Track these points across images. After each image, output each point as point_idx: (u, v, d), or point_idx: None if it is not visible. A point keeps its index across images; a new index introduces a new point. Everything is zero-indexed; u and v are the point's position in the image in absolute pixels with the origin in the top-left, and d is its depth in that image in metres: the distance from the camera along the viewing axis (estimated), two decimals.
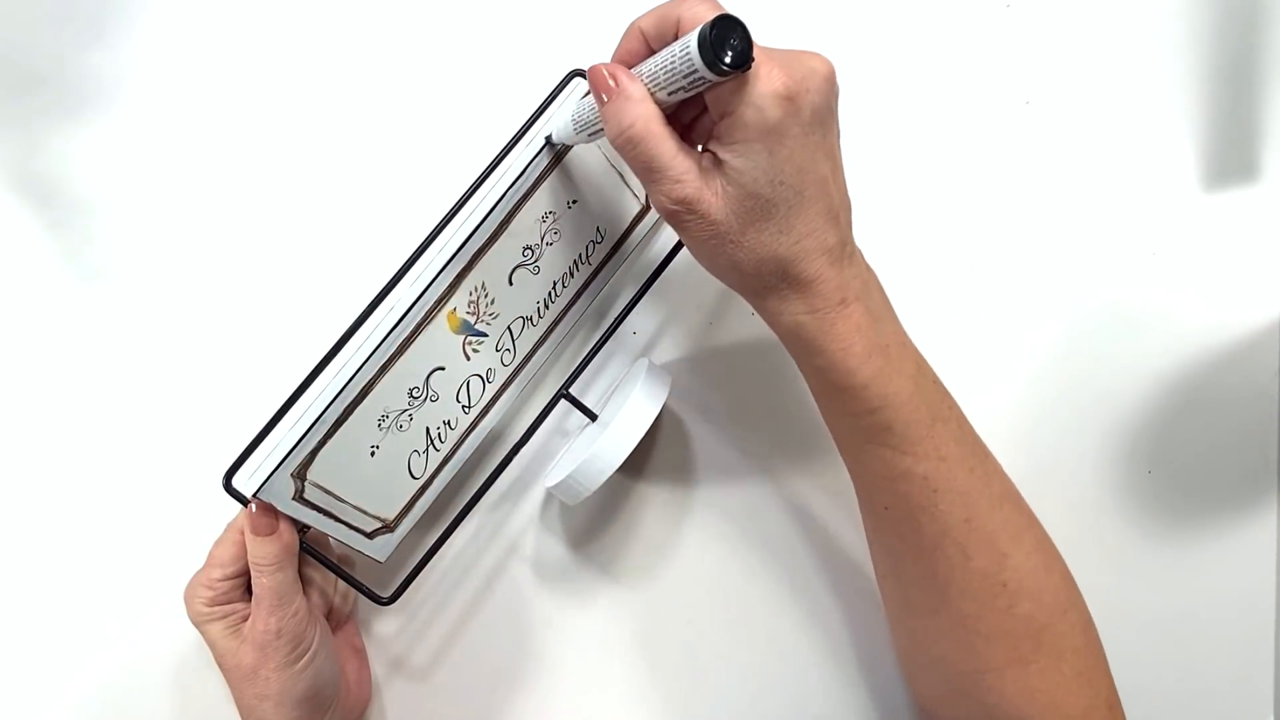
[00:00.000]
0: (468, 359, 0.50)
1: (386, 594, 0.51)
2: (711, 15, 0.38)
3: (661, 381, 0.50)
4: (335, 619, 0.52)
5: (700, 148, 0.42)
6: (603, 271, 0.54)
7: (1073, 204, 0.57)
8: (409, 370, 0.48)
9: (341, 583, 0.52)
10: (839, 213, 0.42)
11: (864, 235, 0.57)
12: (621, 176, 0.53)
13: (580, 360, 0.53)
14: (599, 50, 0.56)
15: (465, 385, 0.51)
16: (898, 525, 0.45)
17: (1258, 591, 0.56)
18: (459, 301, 0.49)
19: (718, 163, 0.40)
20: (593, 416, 0.52)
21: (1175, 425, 0.56)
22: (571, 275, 0.53)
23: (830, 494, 0.56)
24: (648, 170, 0.40)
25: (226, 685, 0.47)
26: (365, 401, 0.47)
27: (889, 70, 0.58)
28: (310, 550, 0.49)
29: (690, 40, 0.37)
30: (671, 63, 0.38)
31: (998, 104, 0.58)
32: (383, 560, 0.51)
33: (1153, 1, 0.58)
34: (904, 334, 0.45)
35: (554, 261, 0.52)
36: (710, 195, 0.40)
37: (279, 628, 0.45)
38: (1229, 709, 0.56)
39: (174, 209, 0.56)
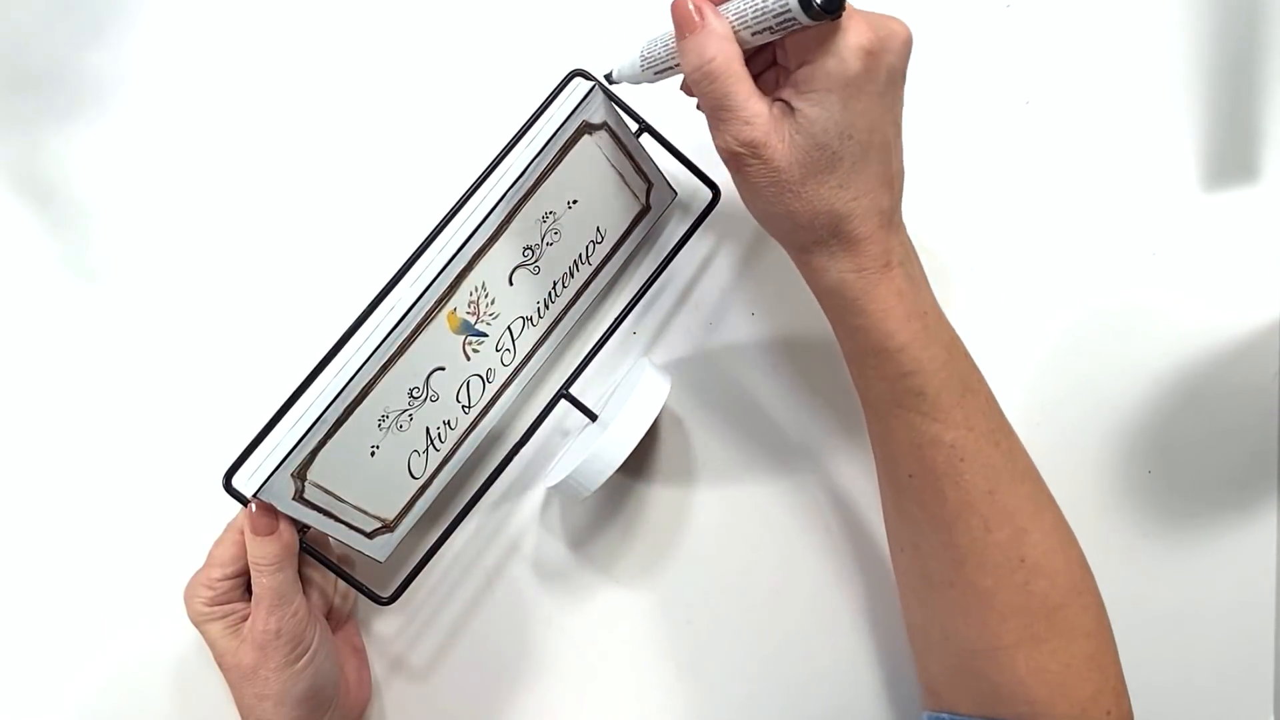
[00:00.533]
0: (468, 359, 0.50)
1: (386, 594, 0.51)
2: None
3: (661, 382, 0.50)
4: (335, 619, 0.53)
5: (771, 97, 0.42)
6: (603, 271, 0.54)
7: (1073, 204, 0.57)
8: (409, 370, 0.48)
9: (341, 582, 0.52)
10: (894, 179, 0.43)
11: None
12: (621, 176, 0.53)
13: (580, 360, 0.53)
14: (599, 50, 0.56)
15: (465, 385, 0.51)
16: (921, 493, 0.45)
17: (1258, 591, 0.56)
18: (459, 301, 0.49)
19: (789, 111, 0.40)
20: (593, 416, 0.52)
21: (1175, 425, 0.56)
22: (572, 275, 0.53)
23: (830, 493, 0.56)
24: (720, 108, 0.40)
25: (226, 685, 0.47)
26: (365, 402, 0.47)
27: None
28: (310, 550, 0.49)
29: None
30: (764, 6, 0.38)
31: (998, 104, 0.58)
32: (382, 560, 0.51)
33: (1153, 1, 0.58)
34: (938, 306, 0.45)
35: (554, 261, 0.52)
36: (777, 142, 0.40)
37: (279, 627, 0.45)
38: (1229, 709, 0.56)
39: (173, 209, 0.56)
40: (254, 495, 0.45)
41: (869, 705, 0.55)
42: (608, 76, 0.49)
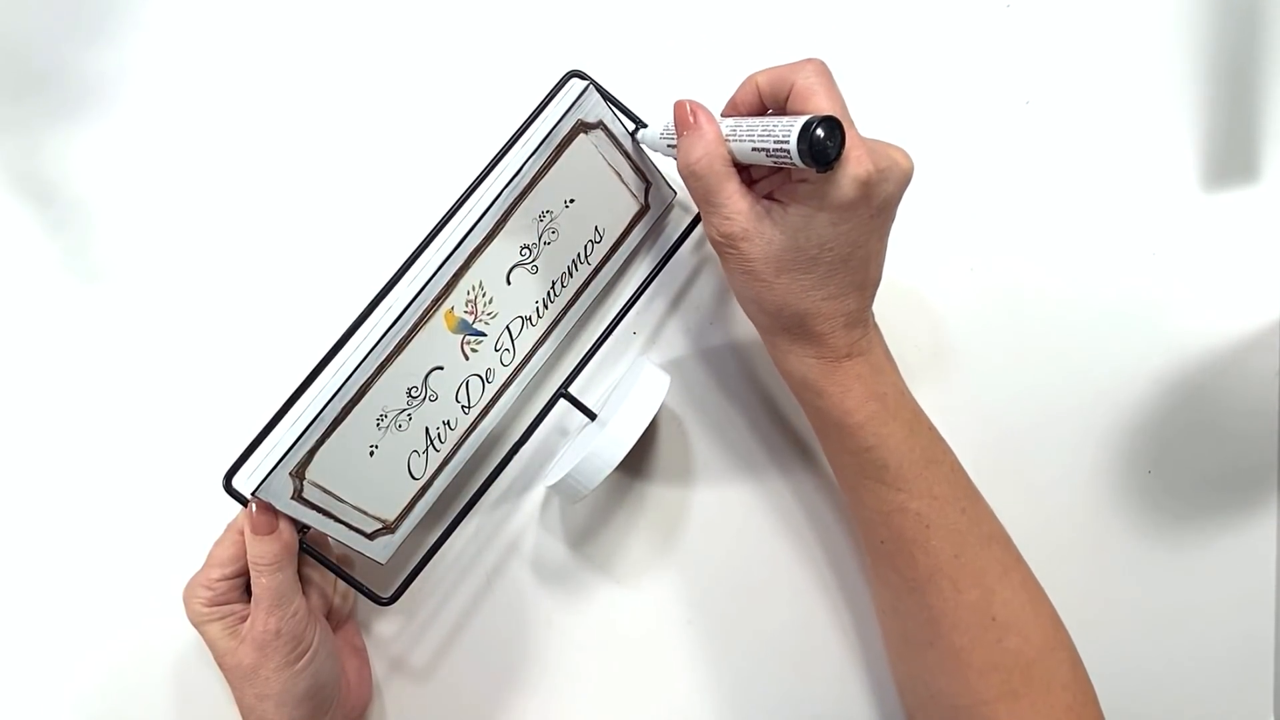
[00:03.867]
0: (466, 359, 0.50)
1: (386, 594, 0.51)
2: (822, 93, 0.42)
3: (660, 381, 0.50)
4: (335, 619, 0.53)
5: (767, 193, 0.45)
6: (601, 271, 0.54)
7: (1073, 204, 0.57)
8: (407, 369, 0.48)
9: (341, 582, 0.52)
10: (869, 286, 0.46)
11: None
12: (619, 175, 0.53)
13: (580, 360, 0.53)
14: (598, 50, 0.56)
15: (464, 385, 0.51)
16: (893, 559, 0.48)
17: (1258, 591, 0.56)
18: (456, 300, 0.49)
19: (777, 210, 0.43)
20: (592, 416, 0.52)
21: (1175, 425, 0.56)
22: (570, 275, 0.53)
23: (830, 494, 0.56)
24: (705, 202, 0.44)
25: (226, 685, 0.47)
26: (363, 401, 0.47)
27: (889, 70, 0.58)
28: (310, 550, 0.49)
29: (790, 134, 0.39)
30: (768, 134, 0.41)
31: (998, 104, 0.58)
32: (383, 562, 0.51)
33: (1153, 2, 0.58)
34: (903, 387, 0.48)
35: (552, 261, 0.52)
36: (757, 238, 0.43)
37: (278, 628, 0.45)
38: (1229, 709, 0.55)
39: (174, 210, 0.56)
40: (253, 494, 0.45)
41: (869, 705, 0.55)
42: (632, 134, 0.52)
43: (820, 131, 0.39)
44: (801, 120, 0.39)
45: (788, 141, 0.39)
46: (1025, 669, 0.46)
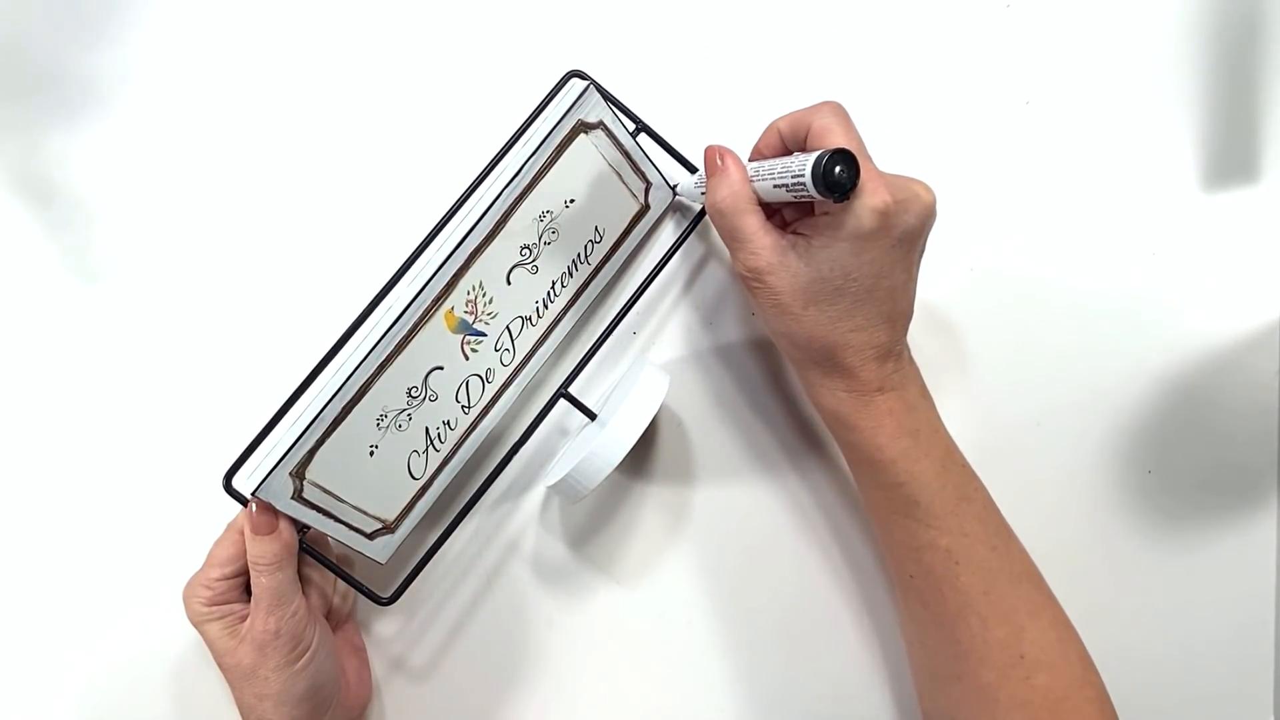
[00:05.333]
0: (466, 359, 0.50)
1: (386, 594, 0.51)
2: (838, 131, 0.44)
3: (660, 381, 0.50)
4: (335, 619, 0.53)
5: (791, 227, 0.46)
6: (602, 271, 0.54)
7: (1073, 204, 0.57)
8: (407, 369, 0.48)
9: (341, 582, 0.52)
10: (898, 319, 0.46)
11: None
12: (619, 176, 0.53)
13: (580, 360, 0.53)
14: (598, 50, 0.56)
15: (464, 385, 0.51)
16: (922, 593, 0.48)
17: (1258, 592, 0.56)
18: (456, 300, 0.49)
19: (801, 243, 0.44)
20: (592, 416, 0.52)
21: (1175, 425, 0.56)
22: (570, 275, 0.53)
23: (830, 493, 0.56)
24: (731, 239, 0.46)
25: (226, 685, 0.47)
26: (363, 400, 0.47)
27: (889, 70, 0.58)
28: (310, 550, 0.49)
29: (805, 167, 0.41)
30: (787, 170, 0.43)
31: (998, 104, 0.58)
32: (383, 562, 0.51)
33: (1153, 2, 0.58)
34: (938, 423, 0.48)
35: (552, 261, 0.52)
36: (782, 270, 0.44)
37: (277, 627, 0.45)
38: (1229, 709, 0.55)
39: (174, 211, 0.56)
40: (252, 494, 0.45)
41: (870, 705, 0.55)
42: (673, 188, 0.55)
43: (833, 162, 0.41)
44: (816, 153, 0.41)
45: (804, 174, 0.41)
46: (1053, 708, 0.46)
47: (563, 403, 0.52)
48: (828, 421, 0.49)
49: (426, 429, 0.50)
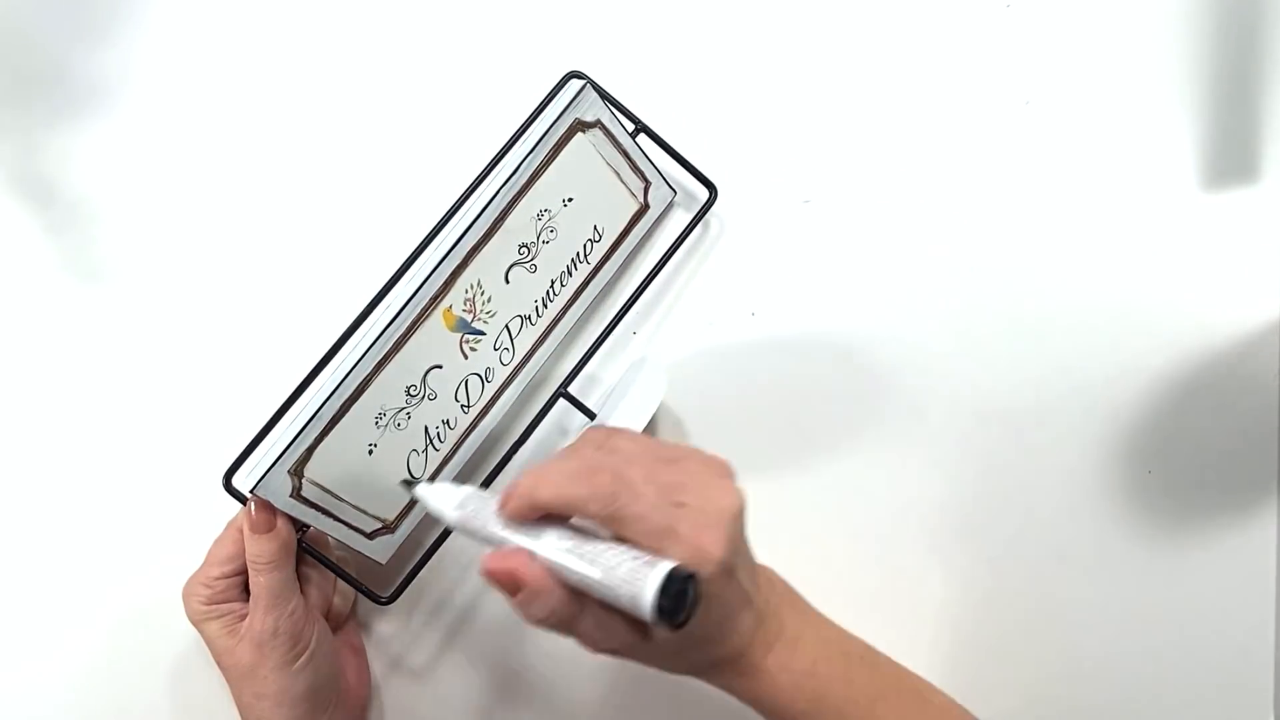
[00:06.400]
0: (465, 357, 0.50)
1: (386, 594, 0.51)
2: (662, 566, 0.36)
3: (659, 381, 0.50)
4: (334, 618, 0.52)
5: None
6: (601, 270, 0.54)
7: (1072, 204, 0.57)
8: (406, 367, 0.48)
9: (340, 582, 0.52)
10: (750, 597, 0.43)
11: (864, 232, 0.57)
12: (617, 175, 0.53)
13: (580, 360, 0.53)
14: (598, 50, 0.56)
15: (464, 384, 0.51)
16: None
17: (1258, 592, 0.55)
18: (454, 299, 0.49)
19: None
20: (591, 415, 0.52)
21: (1175, 425, 0.56)
22: (569, 274, 0.53)
23: (828, 493, 0.56)
24: (569, 635, 0.40)
25: (225, 684, 0.47)
26: (362, 398, 0.47)
27: (889, 70, 0.58)
28: (309, 550, 0.49)
29: (646, 599, 0.35)
30: (611, 588, 0.37)
31: (998, 104, 0.58)
32: (383, 562, 0.51)
33: (1152, 2, 0.58)
34: (824, 629, 0.46)
35: (551, 260, 0.52)
36: (632, 645, 0.40)
37: (276, 627, 0.45)
38: (1229, 709, 0.55)
39: (174, 210, 0.56)
40: (251, 491, 0.45)
41: None
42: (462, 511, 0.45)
43: (672, 602, 0.35)
44: (654, 589, 0.35)
45: (640, 602, 0.36)
46: None
47: (562, 402, 0.52)
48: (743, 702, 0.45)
49: (426, 428, 0.50)
